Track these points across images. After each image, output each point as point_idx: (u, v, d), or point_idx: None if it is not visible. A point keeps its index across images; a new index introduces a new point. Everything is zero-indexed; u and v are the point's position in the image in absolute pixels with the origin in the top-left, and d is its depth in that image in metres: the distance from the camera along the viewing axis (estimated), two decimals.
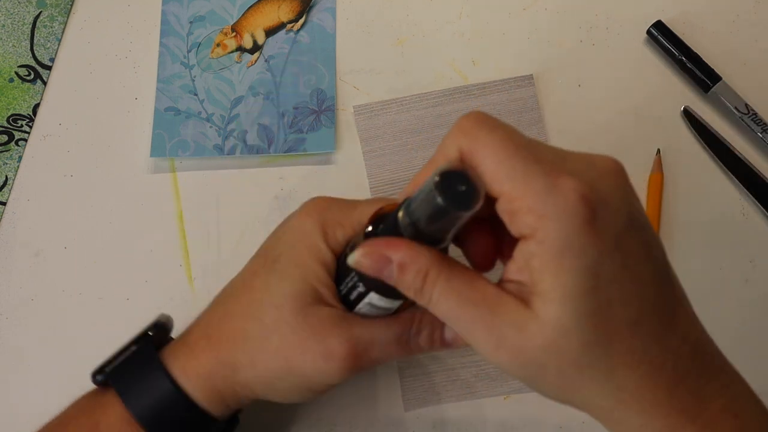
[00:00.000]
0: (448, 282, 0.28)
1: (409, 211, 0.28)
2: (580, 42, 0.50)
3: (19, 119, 0.48)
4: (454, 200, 0.26)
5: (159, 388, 0.34)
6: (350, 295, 0.33)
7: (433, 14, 0.51)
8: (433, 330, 0.34)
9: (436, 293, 0.28)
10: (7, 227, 0.47)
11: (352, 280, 0.32)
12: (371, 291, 0.32)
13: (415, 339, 0.34)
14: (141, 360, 0.35)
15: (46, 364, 0.44)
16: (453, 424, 0.43)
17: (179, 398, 0.34)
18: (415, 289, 0.29)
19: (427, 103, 0.48)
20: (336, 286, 0.34)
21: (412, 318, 0.34)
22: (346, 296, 0.34)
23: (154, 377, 0.34)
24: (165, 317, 0.38)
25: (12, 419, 0.43)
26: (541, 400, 0.44)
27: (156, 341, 0.36)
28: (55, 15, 0.51)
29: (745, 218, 0.47)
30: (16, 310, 0.45)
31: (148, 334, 0.36)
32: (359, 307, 0.33)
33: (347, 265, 0.31)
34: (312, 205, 0.36)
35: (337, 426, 0.43)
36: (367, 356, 0.33)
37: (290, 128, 0.48)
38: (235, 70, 0.49)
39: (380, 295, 0.32)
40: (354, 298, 0.33)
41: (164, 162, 0.48)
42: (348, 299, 0.34)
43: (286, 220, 0.36)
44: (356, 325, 0.33)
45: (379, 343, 0.33)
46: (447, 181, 0.26)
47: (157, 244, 0.46)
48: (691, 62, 0.48)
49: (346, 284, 0.33)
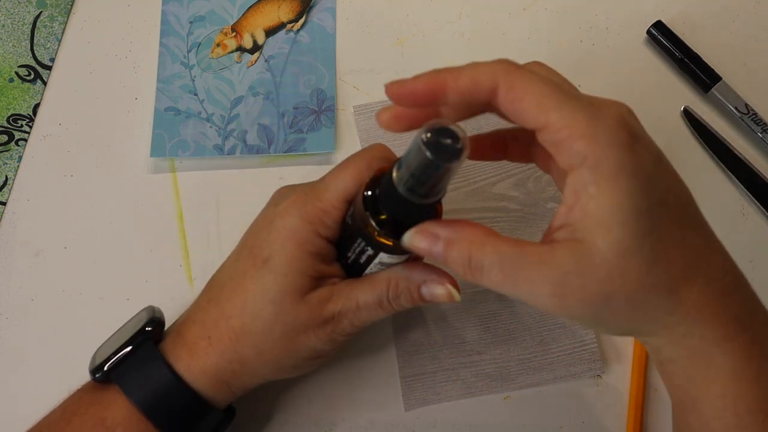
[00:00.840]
0: (496, 250, 0.29)
1: (401, 170, 0.29)
2: (580, 42, 0.50)
3: (19, 119, 0.48)
4: (441, 154, 0.27)
5: (163, 382, 0.35)
6: (360, 259, 0.36)
7: (433, 14, 0.51)
8: (410, 292, 0.36)
9: (487, 263, 0.29)
10: (7, 227, 0.47)
11: (359, 246, 0.35)
12: (380, 252, 0.34)
13: (396, 300, 0.36)
14: (143, 357, 0.36)
15: (46, 364, 0.44)
16: (453, 424, 0.43)
17: (184, 390, 0.35)
18: (464, 263, 0.29)
19: None
20: (340, 259, 0.37)
21: (387, 283, 0.36)
22: (355, 262, 0.36)
23: (157, 373, 0.35)
24: (157, 311, 0.39)
25: (12, 419, 0.43)
26: (541, 400, 0.44)
27: (154, 337, 0.37)
28: (55, 15, 0.51)
29: (745, 218, 0.47)
30: (16, 310, 0.45)
31: (146, 329, 0.37)
32: (370, 267, 0.36)
33: (350, 235, 0.35)
34: (287, 201, 0.36)
35: (337, 426, 0.43)
36: (356, 319, 0.36)
37: (290, 128, 0.48)
38: (235, 70, 0.49)
39: (388, 253, 0.34)
40: (364, 261, 0.36)
41: (164, 162, 0.48)
42: (358, 263, 0.36)
43: (268, 220, 0.37)
44: (344, 294, 0.36)
45: (365, 305, 0.36)
46: (434, 136, 0.27)
47: (157, 244, 0.46)
48: (691, 62, 0.48)
49: (353, 251, 0.36)
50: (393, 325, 0.45)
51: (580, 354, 0.44)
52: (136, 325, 0.37)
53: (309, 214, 0.35)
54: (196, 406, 0.36)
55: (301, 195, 0.36)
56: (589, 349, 0.44)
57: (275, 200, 0.38)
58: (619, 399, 0.44)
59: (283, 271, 0.35)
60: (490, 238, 0.29)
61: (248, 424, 0.43)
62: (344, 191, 0.36)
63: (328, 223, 0.36)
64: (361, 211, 0.33)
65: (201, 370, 0.35)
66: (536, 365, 0.44)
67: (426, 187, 0.29)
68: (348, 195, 0.36)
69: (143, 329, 0.37)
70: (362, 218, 0.33)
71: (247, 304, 0.35)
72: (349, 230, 0.36)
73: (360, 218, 0.33)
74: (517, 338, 0.44)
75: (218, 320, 0.36)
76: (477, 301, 0.45)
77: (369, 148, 0.37)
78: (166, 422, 0.35)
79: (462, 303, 0.45)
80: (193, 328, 0.36)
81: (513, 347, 0.44)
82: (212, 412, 0.36)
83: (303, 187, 0.37)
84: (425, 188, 0.29)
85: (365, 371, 0.44)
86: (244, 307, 0.35)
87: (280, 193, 0.38)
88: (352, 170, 0.36)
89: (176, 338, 0.36)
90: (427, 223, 0.31)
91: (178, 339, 0.36)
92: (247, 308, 0.35)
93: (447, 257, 0.30)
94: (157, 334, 0.37)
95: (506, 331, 0.44)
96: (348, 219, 0.36)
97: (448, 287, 0.35)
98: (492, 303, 0.45)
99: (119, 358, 0.36)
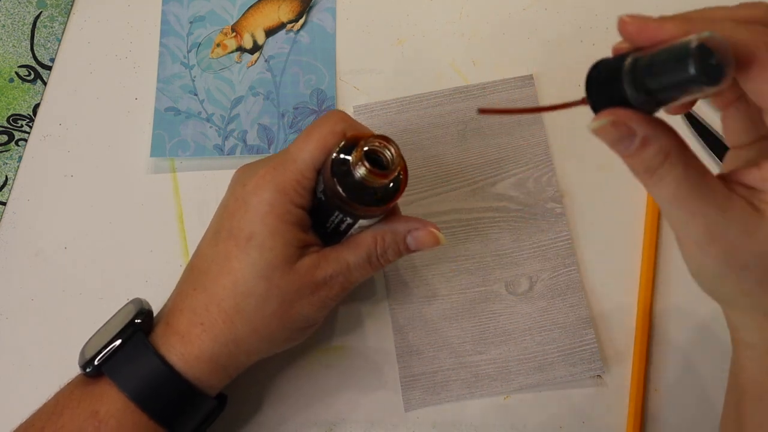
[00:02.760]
0: (686, 168, 0.27)
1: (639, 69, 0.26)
2: (580, 42, 0.50)
3: (19, 119, 0.48)
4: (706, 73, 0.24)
5: (156, 373, 0.35)
6: (339, 228, 0.37)
7: (433, 14, 0.51)
8: (396, 244, 0.38)
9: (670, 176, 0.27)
10: (7, 227, 0.47)
11: (337, 217, 0.36)
12: (360, 219, 0.36)
13: (384, 256, 0.38)
14: (134, 350, 0.36)
15: (46, 364, 0.44)
16: (453, 424, 0.43)
17: (178, 380, 0.35)
18: (648, 167, 0.28)
19: (427, 103, 0.48)
20: (317, 228, 0.38)
21: (374, 241, 0.37)
22: (334, 230, 0.37)
23: (150, 364, 0.35)
24: (145, 302, 0.39)
25: (12, 419, 0.43)
26: (541, 400, 0.44)
27: (144, 328, 0.37)
28: (55, 15, 0.51)
29: None
30: (16, 310, 0.45)
31: (135, 321, 0.37)
32: (350, 233, 0.38)
33: (325, 208, 0.36)
34: (256, 177, 0.37)
35: (337, 426, 0.43)
36: (348, 280, 0.38)
37: (290, 128, 0.48)
38: (235, 70, 0.49)
39: (368, 219, 0.36)
40: (343, 229, 0.37)
41: (164, 162, 0.48)
42: (337, 231, 0.38)
43: (241, 200, 0.37)
44: (333, 259, 0.37)
45: (355, 266, 0.37)
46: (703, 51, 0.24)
47: (157, 244, 0.46)
48: None
49: (332, 221, 0.37)
50: (393, 325, 0.45)
51: (580, 354, 0.44)
52: (125, 318, 0.37)
53: (282, 186, 0.36)
54: (190, 395, 0.36)
55: (269, 169, 0.37)
56: (589, 349, 0.44)
57: (240, 180, 0.38)
58: (619, 399, 0.44)
59: (268, 245, 0.35)
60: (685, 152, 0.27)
61: (248, 424, 0.43)
62: (312, 160, 0.36)
63: (301, 192, 0.36)
64: (330, 185, 0.34)
65: (196, 358, 0.36)
66: (536, 365, 0.44)
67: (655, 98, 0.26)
68: (316, 163, 0.36)
69: (132, 321, 0.36)
70: (332, 192, 0.34)
71: (238, 284, 0.36)
72: (323, 204, 0.36)
73: (331, 192, 0.35)
74: (517, 338, 0.44)
75: (209, 305, 0.36)
76: (477, 301, 0.45)
77: (327, 115, 0.37)
78: (160, 413, 0.35)
79: (462, 303, 0.45)
80: (182, 317, 0.36)
81: (513, 347, 0.44)
82: (206, 400, 0.37)
83: (267, 161, 0.37)
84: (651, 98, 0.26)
85: (365, 371, 0.44)
86: (235, 288, 0.36)
87: (243, 172, 0.38)
88: (317, 138, 0.36)
89: (166, 328, 0.37)
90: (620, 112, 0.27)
91: (168, 329, 0.36)
92: (239, 288, 0.36)
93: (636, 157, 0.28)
94: (147, 326, 0.37)
95: (506, 332, 0.44)
96: (320, 194, 0.36)
97: (432, 230, 0.37)
98: (492, 303, 0.45)
99: (110, 351, 0.36)
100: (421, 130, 0.48)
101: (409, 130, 0.48)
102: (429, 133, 0.48)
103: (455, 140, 0.48)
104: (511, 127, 0.48)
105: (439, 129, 0.48)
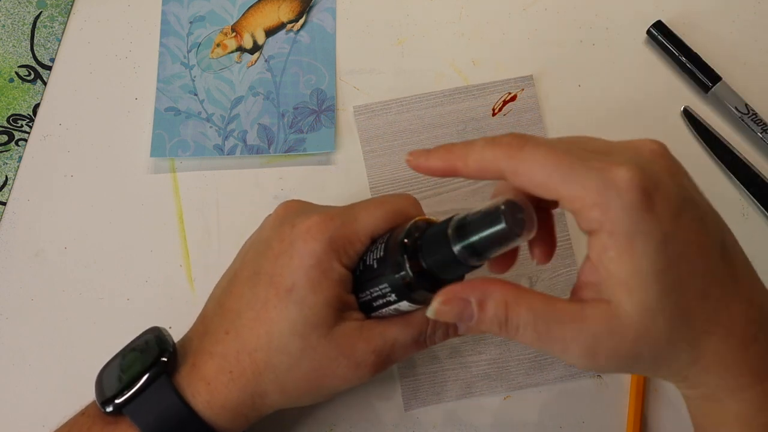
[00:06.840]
0: (531, 308, 0.29)
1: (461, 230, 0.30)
2: (580, 42, 0.50)
3: (19, 119, 0.48)
4: (515, 226, 0.28)
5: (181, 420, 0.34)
6: (374, 303, 0.35)
7: (433, 14, 0.51)
8: (447, 326, 0.36)
9: (522, 322, 0.29)
10: (7, 227, 0.47)
11: (381, 290, 0.34)
12: (403, 300, 0.34)
13: (431, 337, 0.36)
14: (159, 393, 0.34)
15: (46, 364, 0.44)
16: (453, 424, 0.43)
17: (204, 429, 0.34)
18: (499, 323, 0.29)
19: (427, 103, 0.48)
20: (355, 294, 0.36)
21: (426, 320, 0.35)
22: (369, 303, 0.35)
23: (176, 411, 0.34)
24: (165, 333, 0.37)
25: (12, 419, 0.43)
26: (542, 400, 0.44)
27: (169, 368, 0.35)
28: (55, 15, 0.51)
29: (745, 218, 0.47)
30: (16, 310, 0.45)
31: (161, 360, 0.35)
32: (383, 311, 0.35)
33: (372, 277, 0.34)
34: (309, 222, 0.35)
35: (337, 426, 0.43)
36: (389, 359, 0.36)
37: (290, 128, 0.48)
38: (235, 70, 0.49)
39: (411, 303, 0.34)
40: (380, 304, 0.35)
41: (164, 162, 0.48)
42: (371, 305, 0.36)
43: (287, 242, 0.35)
44: (377, 334, 0.35)
45: (400, 345, 0.35)
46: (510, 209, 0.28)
47: (157, 244, 0.46)
48: (691, 62, 0.48)
49: (370, 293, 0.35)
50: None
51: None
52: (147, 354, 0.35)
53: (335, 240, 0.34)
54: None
55: (326, 217, 0.35)
56: None
57: (289, 219, 0.36)
58: (619, 399, 0.44)
59: (309, 302, 0.34)
60: (523, 296, 0.29)
61: None
62: (374, 227, 0.35)
63: (351, 253, 0.35)
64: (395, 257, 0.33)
65: (221, 406, 0.34)
66: (536, 365, 0.44)
67: (487, 252, 0.30)
68: (376, 232, 0.35)
69: (158, 360, 0.35)
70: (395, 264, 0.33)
71: (273, 337, 0.34)
72: (371, 272, 0.34)
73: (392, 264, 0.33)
74: None
75: (240, 353, 0.34)
76: None
77: (404, 196, 0.37)
78: None
79: None
80: (211, 362, 0.35)
81: (513, 347, 0.44)
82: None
83: (323, 208, 0.36)
84: (486, 253, 0.30)
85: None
86: (269, 341, 0.34)
87: (293, 209, 0.37)
88: (386, 210, 0.35)
89: (192, 370, 0.35)
90: (449, 289, 0.30)
91: (194, 372, 0.35)
92: (273, 342, 0.34)
93: (481, 319, 0.30)
94: (172, 366, 0.35)
95: None
96: (371, 261, 0.35)
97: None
98: None
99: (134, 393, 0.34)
100: (421, 130, 0.48)
101: (409, 130, 0.48)
102: (429, 133, 0.48)
103: (455, 140, 0.48)
104: (510, 127, 0.48)
105: (439, 129, 0.48)
